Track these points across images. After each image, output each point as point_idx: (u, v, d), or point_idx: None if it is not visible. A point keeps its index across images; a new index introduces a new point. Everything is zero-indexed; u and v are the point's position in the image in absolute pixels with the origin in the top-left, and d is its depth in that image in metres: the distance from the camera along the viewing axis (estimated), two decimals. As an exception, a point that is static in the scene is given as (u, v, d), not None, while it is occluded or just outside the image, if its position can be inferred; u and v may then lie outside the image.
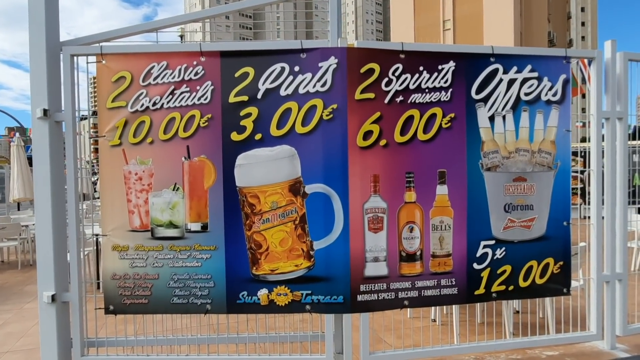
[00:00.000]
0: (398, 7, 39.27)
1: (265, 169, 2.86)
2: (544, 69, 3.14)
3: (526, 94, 3.11)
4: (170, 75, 2.87)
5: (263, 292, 2.91)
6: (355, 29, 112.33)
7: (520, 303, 4.30)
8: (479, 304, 4.04)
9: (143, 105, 2.87)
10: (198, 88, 2.86)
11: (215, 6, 3.12)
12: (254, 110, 2.86)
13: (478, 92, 3.03)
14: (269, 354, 3.10)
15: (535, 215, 3.15)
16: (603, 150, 3.44)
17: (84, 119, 3.29)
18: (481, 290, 3.09)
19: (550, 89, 3.14)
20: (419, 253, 2.99)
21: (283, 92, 2.86)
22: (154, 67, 2.86)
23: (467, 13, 34.95)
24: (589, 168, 3.46)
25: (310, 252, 2.89)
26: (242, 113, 2.86)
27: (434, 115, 2.96)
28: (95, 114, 2.95)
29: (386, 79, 2.90)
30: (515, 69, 3.09)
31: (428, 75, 2.95)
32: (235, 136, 2.86)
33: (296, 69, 2.86)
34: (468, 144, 3.02)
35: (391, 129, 2.91)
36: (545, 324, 3.84)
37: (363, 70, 2.87)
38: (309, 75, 2.85)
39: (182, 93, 2.87)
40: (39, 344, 2.97)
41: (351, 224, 2.88)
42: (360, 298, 2.92)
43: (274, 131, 2.86)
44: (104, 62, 2.88)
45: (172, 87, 2.87)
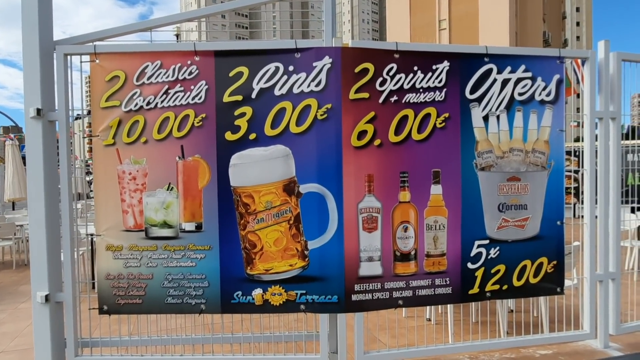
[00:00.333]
0: (394, 7, 39.34)
1: (259, 168, 2.85)
2: (537, 69, 3.15)
3: (520, 94, 3.12)
4: (164, 74, 2.86)
5: (257, 292, 2.90)
6: (351, 28, 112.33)
7: (515, 302, 4.32)
8: (474, 303, 4.06)
9: (137, 104, 2.86)
10: (192, 87, 2.86)
11: (210, 5, 3.11)
12: (248, 110, 2.85)
13: (472, 92, 3.04)
14: (263, 353, 3.10)
15: (529, 214, 3.16)
16: (597, 150, 3.46)
17: (79, 118, 3.27)
18: (475, 290, 3.10)
19: (544, 89, 3.16)
20: (413, 253, 3.00)
21: (277, 92, 2.86)
22: (147, 67, 2.85)
23: (463, 13, 35.06)
24: (582, 168, 3.48)
25: (305, 252, 2.90)
26: (237, 113, 2.85)
27: (428, 115, 2.97)
28: (89, 114, 2.94)
29: (380, 79, 2.90)
30: (509, 68, 3.10)
31: (422, 75, 2.96)
32: (229, 136, 2.86)
33: (290, 68, 2.85)
34: (462, 143, 3.03)
35: (385, 129, 2.92)
36: (539, 323, 3.86)
37: (357, 69, 2.87)
38: (303, 74, 2.85)
39: (176, 92, 2.86)
40: (33, 344, 2.96)
41: (345, 223, 2.89)
42: (354, 298, 2.93)
43: (269, 131, 2.85)
44: (97, 62, 2.87)
45: (166, 87, 2.86)
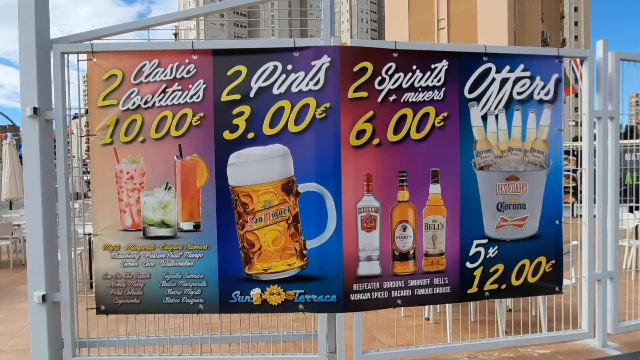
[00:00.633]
0: (393, 6, 39.33)
1: (257, 168, 2.84)
2: (536, 68, 3.14)
3: (519, 93, 3.11)
4: (162, 73, 2.85)
5: (256, 292, 2.90)
6: (350, 27, 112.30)
7: (513, 301, 4.32)
8: (472, 303, 4.06)
9: (134, 103, 2.84)
10: (190, 86, 2.84)
11: (209, 4, 3.09)
12: (246, 109, 2.84)
13: (471, 91, 3.03)
14: (262, 353, 3.09)
15: (528, 214, 3.16)
16: (595, 149, 3.46)
17: (76, 117, 3.26)
18: (474, 289, 3.10)
19: (542, 88, 3.15)
20: (411, 252, 2.99)
21: (276, 91, 2.84)
22: (145, 65, 2.84)
23: (462, 12, 35.08)
24: (581, 167, 3.48)
25: (303, 252, 2.89)
26: (235, 112, 2.84)
27: (427, 114, 2.96)
28: (87, 113, 2.92)
29: (379, 78, 2.89)
30: (507, 68, 3.10)
31: (421, 74, 2.95)
32: (227, 135, 2.85)
33: (289, 67, 2.84)
34: (461, 143, 3.02)
35: (384, 128, 2.91)
36: (538, 322, 3.86)
37: (356, 69, 2.86)
38: (301, 73, 2.84)
39: (174, 91, 2.85)
40: (30, 345, 2.94)
41: (344, 223, 2.88)
42: (353, 297, 2.92)
43: (267, 130, 2.84)
44: (94, 60, 2.86)
45: (164, 86, 2.85)
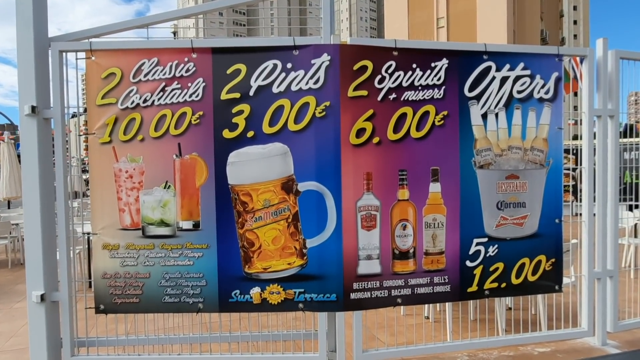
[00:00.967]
0: (392, 5, 39.28)
1: (257, 166, 2.83)
2: (536, 66, 3.14)
3: (519, 92, 3.11)
4: (161, 71, 2.83)
5: (255, 291, 2.89)
6: (349, 26, 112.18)
7: (513, 300, 4.32)
8: (472, 301, 4.06)
9: (133, 102, 2.83)
10: (189, 85, 2.83)
11: (208, 2, 3.08)
12: (246, 108, 2.83)
13: (471, 90, 3.03)
14: (262, 352, 3.09)
15: (528, 212, 3.16)
16: (595, 147, 3.46)
17: (75, 116, 3.24)
18: (474, 288, 3.10)
19: (542, 86, 3.15)
20: (412, 251, 2.99)
21: (275, 89, 2.83)
22: (144, 64, 2.83)
23: (461, 11, 35.05)
24: (580, 165, 3.47)
25: (303, 250, 2.88)
26: (234, 110, 2.83)
27: (427, 113, 2.95)
28: (85, 111, 2.91)
29: (379, 76, 2.88)
30: (508, 66, 3.09)
31: (421, 73, 2.94)
32: (227, 133, 2.84)
33: (289, 65, 2.83)
34: (461, 141, 3.02)
35: (384, 127, 2.90)
36: (537, 321, 3.86)
37: (356, 67, 2.85)
38: (301, 72, 2.83)
39: (173, 90, 2.83)
40: (29, 344, 2.93)
41: (344, 221, 2.87)
42: (353, 296, 2.92)
43: (267, 128, 2.83)
44: (93, 59, 2.84)
45: (163, 84, 2.83)
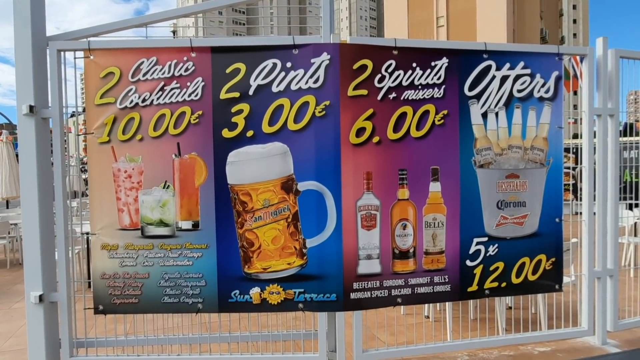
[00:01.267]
0: (392, 4, 39.27)
1: (257, 166, 2.82)
2: (536, 65, 3.13)
3: (519, 91, 3.10)
4: (160, 71, 2.82)
5: (255, 291, 2.88)
6: (349, 25, 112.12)
7: (513, 299, 4.32)
8: (472, 301, 4.05)
9: (132, 101, 2.82)
10: (188, 84, 2.82)
11: (207, 1, 3.07)
12: (245, 107, 2.82)
13: (471, 89, 3.02)
14: (261, 352, 3.08)
15: (528, 211, 3.15)
16: (595, 146, 3.45)
17: (73, 115, 3.23)
18: (474, 287, 3.09)
19: (542, 85, 3.14)
20: (412, 250, 2.98)
21: (275, 89, 2.82)
22: (143, 63, 2.81)
23: (461, 9, 35.05)
24: (580, 164, 3.47)
25: (303, 250, 2.87)
26: (234, 109, 2.82)
27: (426, 112, 2.94)
28: (84, 111, 2.89)
29: (379, 76, 2.87)
30: (508, 65, 3.08)
31: (421, 72, 2.93)
32: (226, 133, 2.82)
33: (288, 65, 2.82)
34: (461, 140, 3.01)
35: (384, 126, 2.89)
36: (538, 320, 3.85)
37: (356, 66, 2.84)
38: (301, 71, 2.82)
39: (172, 89, 2.82)
40: (27, 345, 2.92)
41: (344, 221, 2.86)
42: (353, 296, 2.91)
43: (266, 128, 2.82)
44: (91, 58, 2.83)
45: (162, 83, 2.82)
